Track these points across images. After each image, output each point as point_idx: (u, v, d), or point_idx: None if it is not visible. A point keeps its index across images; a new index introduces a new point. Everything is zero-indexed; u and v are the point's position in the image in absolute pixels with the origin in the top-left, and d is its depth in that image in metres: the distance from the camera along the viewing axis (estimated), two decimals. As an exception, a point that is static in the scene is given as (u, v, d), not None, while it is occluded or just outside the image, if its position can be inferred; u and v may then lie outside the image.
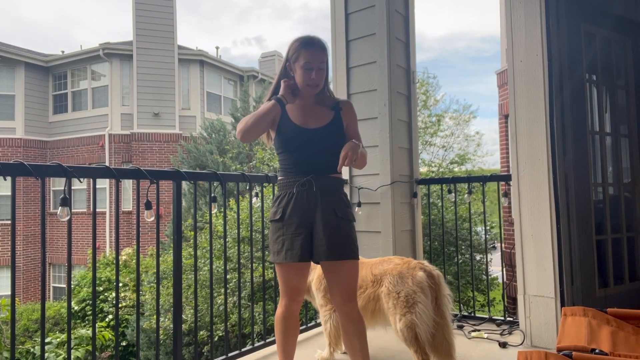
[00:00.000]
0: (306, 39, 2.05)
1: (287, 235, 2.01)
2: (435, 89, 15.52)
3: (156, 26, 14.33)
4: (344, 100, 2.21)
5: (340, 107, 2.13)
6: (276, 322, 2.17)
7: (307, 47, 2.02)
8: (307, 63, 2.01)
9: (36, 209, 14.39)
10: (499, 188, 3.62)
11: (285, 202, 2.04)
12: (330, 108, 2.12)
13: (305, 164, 2.04)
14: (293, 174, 2.05)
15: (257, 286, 5.92)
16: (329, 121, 2.08)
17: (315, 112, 2.10)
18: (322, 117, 2.09)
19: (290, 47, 2.07)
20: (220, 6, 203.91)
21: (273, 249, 2.06)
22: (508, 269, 6.20)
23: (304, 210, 2.01)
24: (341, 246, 1.99)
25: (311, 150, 2.05)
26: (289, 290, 2.10)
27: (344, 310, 2.04)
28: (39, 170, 1.95)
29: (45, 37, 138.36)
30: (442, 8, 79.60)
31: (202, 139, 13.20)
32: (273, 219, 2.07)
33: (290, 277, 2.07)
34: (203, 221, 8.83)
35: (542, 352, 1.40)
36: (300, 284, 2.11)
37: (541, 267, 2.82)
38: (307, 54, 2.01)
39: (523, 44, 2.90)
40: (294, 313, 2.15)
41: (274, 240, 2.05)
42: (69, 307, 2.11)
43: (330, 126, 2.07)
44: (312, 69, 2.02)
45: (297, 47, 2.04)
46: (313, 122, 2.08)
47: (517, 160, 2.94)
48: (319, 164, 2.05)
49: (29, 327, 10.23)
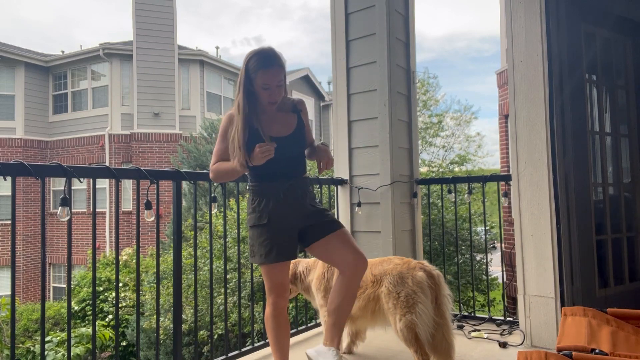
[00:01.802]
0: (263, 59, 2.04)
1: (274, 238, 2.12)
2: (436, 89, 15.53)
3: (156, 26, 14.32)
4: (298, 99, 2.30)
5: (300, 109, 2.25)
6: (267, 322, 2.22)
7: (264, 67, 2.03)
8: (265, 84, 2.05)
9: (36, 209, 14.39)
10: (499, 188, 3.62)
11: (271, 207, 2.13)
12: (291, 111, 2.23)
13: (285, 171, 2.17)
14: (273, 180, 2.15)
15: (257, 286, 5.92)
16: (295, 126, 2.20)
17: (280, 119, 2.19)
18: (289, 124, 2.20)
19: (248, 63, 2.05)
20: (220, 6, 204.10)
21: (259, 251, 2.14)
22: (508, 269, 6.20)
23: (289, 212, 2.15)
24: (330, 221, 2.21)
25: (288, 158, 2.17)
26: (277, 287, 2.18)
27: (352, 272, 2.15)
28: (39, 170, 1.95)
29: (45, 37, 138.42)
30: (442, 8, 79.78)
31: (202, 139, 13.19)
32: (258, 223, 2.14)
33: (278, 276, 2.17)
34: (203, 221, 8.83)
35: (542, 352, 1.40)
36: (286, 280, 2.22)
37: (541, 267, 2.82)
38: (265, 76, 2.03)
39: (523, 44, 2.90)
40: (282, 310, 2.21)
41: (259, 243, 2.14)
42: (69, 307, 2.11)
43: (298, 131, 2.20)
44: (271, 88, 2.07)
45: (255, 67, 2.04)
46: (283, 129, 2.17)
47: (517, 160, 2.94)
48: (295, 169, 2.21)
49: (29, 327, 10.23)
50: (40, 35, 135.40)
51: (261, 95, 2.09)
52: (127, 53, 14.40)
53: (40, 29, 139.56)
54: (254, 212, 2.16)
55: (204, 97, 15.33)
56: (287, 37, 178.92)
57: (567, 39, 2.87)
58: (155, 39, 14.29)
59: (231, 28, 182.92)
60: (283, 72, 2.10)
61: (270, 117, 2.16)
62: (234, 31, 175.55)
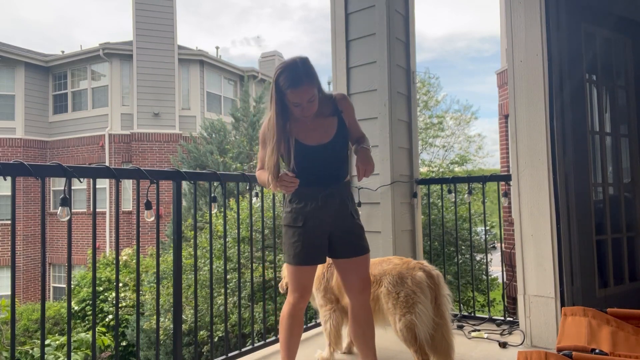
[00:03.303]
0: (291, 77, 1.96)
1: (306, 240, 2.13)
2: (437, 89, 15.54)
3: (156, 26, 14.33)
4: (339, 97, 2.21)
5: (341, 110, 2.18)
6: (282, 320, 2.23)
7: (293, 87, 1.96)
8: (295, 103, 2.01)
9: (36, 209, 14.39)
10: (499, 188, 3.62)
11: (308, 210, 2.13)
12: (332, 114, 2.16)
13: (324, 177, 2.15)
14: (312, 185, 2.12)
15: (257, 286, 5.92)
16: (335, 132, 2.14)
17: (320, 126, 2.14)
18: (328, 130, 2.14)
19: (278, 79, 2.00)
20: (220, 6, 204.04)
21: (289, 251, 2.16)
22: (508, 269, 6.20)
23: (325, 218, 2.14)
24: (359, 244, 2.20)
25: (328, 165, 2.16)
26: (300, 288, 2.20)
27: (360, 299, 2.20)
28: (39, 170, 1.95)
29: (45, 37, 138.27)
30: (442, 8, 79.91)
31: (202, 139, 13.19)
32: (293, 224, 2.14)
33: (302, 278, 2.18)
34: (203, 221, 8.83)
35: (542, 352, 1.40)
36: (309, 283, 2.25)
37: (541, 267, 2.82)
38: (294, 95, 1.98)
39: (523, 44, 2.90)
40: (300, 311, 2.22)
41: (291, 243, 2.15)
42: (69, 307, 2.11)
43: (338, 136, 2.15)
44: (301, 105, 2.02)
45: (284, 85, 1.98)
46: (321, 137, 2.13)
47: (517, 160, 2.94)
48: (335, 176, 2.18)
49: (29, 327, 10.22)
50: (40, 35, 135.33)
51: (294, 111, 2.06)
52: (127, 53, 14.40)
53: (40, 29, 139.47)
54: (291, 212, 2.16)
55: (204, 97, 15.33)
56: (287, 37, 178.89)
57: (567, 39, 2.87)
58: (155, 39, 14.29)
59: (231, 28, 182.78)
60: (314, 87, 2.00)
61: (307, 126, 2.13)
62: (234, 31, 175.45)
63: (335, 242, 2.18)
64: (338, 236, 2.17)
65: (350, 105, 2.24)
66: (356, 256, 2.18)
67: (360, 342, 2.23)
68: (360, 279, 2.19)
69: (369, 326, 2.23)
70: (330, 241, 2.18)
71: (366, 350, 2.23)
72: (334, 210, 2.15)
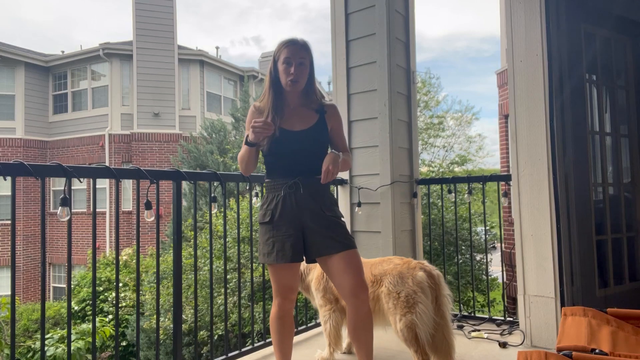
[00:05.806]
0: (289, 38, 2.11)
1: (277, 237, 2.05)
2: (437, 89, 15.56)
3: (156, 26, 14.32)
4: (329, 103, 2.23)
5: (325, 110, 2.17)
6: (271, 323, 2.21)
7: (288, 44, 2.08)
8: (286, 58, 2.05)
9: (36, 209, 14.38)
10: (499, 188, 3.62)
11: (274, 205, 2.07)
12: (315, 110, 2.15)
13: (291, 167, 2.08)
14: (280, 177, 2.09)
15: (257, 286, 5.92)
16: (313, 123, 2.12)
17: (300, 114, 2.13)
18: (307, 119, 2.12)
19: (275, 48, 2.12)
20: (220, 6, 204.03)
21: (263, 250, 2.10)
22: (508, 269, 6.21)
23: (293, 212, 2.05)
24: (336, 239, 2.04)
25: (297, 153, 2.08)
26: (282, 289, 2.15)
27: (352, 302, 2.02)
28: (39, 170, 1.95)
29: (45, 37, 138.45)
30: (442, 8, 79.84)
31: (202, 139, 13.19)
32: (262, 221, 2.10)
33: (282, 277, 2.12)
34: (203, 221, 8.83)
35: (542, 352, 1.40)
36: (292, 283, 2.16)
37: (541, 267, 2.82)
38: (287, 50, 2.06)
39: (523, 44, 2.90)
40: (287, 312, 2.18)
41: (263, 241, 2.10)
42: (69, 307, 2.11)
43: (315, 128, 2.11)
44: (292, 63, 2.05)
45: (280, 46, 2.09)
46: (298, 124, 2.11)
47: (517, 160, 2.94)
48: (304, 165, 2.09)
49: (29, 327, 10.22)
50: (40, 35, 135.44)
51: (284, 72, 2.05)
52: (127, 53, 14.39)
53: (40, 29, 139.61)
54: (261, 208, 2.13)
55: (203, 97, 15.33)
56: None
57: (567, 39, 2.87)
58: (155, 39, 14.29)
59: (231, 28, 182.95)
60: (307, 54, 2.08)
61: (291, 111, 2.12)
62: (234, 31, 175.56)
63: (309, 239, 2.05)
64: (311, 232, 2.04)
65: (338, 114, 2.23)
66: (335, 252, 2.01)
67: (355, 347, 2.12)
68: (349, 281, 2.01)
69: (365, 331, 2.06)
70: (305, 238, 2.06)
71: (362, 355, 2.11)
72: (304, 202, 2.04)
